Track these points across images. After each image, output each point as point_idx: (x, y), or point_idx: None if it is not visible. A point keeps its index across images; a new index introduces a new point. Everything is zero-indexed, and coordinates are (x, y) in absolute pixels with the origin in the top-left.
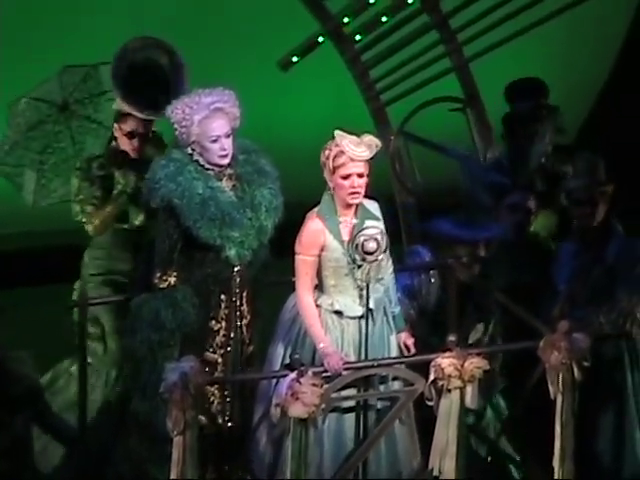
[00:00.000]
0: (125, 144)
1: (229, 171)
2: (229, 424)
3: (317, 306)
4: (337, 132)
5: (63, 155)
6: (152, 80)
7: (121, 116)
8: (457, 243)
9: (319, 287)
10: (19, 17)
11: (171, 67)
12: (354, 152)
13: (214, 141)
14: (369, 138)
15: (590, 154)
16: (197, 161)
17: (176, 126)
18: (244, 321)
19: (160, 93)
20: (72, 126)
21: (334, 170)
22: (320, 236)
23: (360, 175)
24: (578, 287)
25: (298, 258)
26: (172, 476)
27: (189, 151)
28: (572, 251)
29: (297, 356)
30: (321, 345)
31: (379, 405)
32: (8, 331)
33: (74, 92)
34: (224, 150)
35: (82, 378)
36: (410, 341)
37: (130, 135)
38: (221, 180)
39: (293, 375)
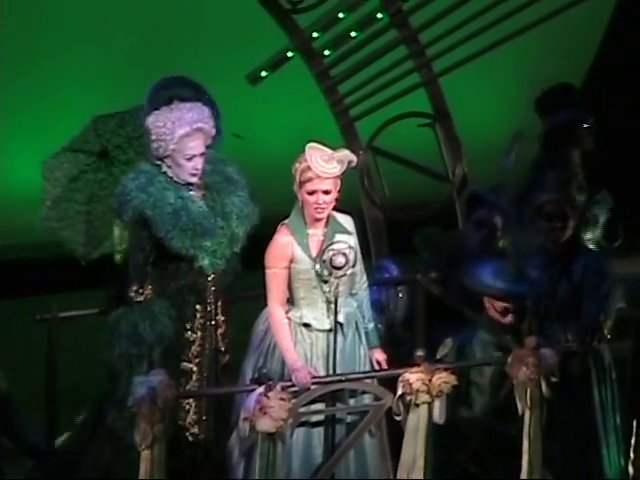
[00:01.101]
0: None
1: (198, 181)
2: (203, 436)
3: (288, 319)
4: (309, 145)
5: (109, 202)
6: None
7: None
8: (504, 299)
9: (290, 300)
10: None
11: (197, 99)
12: (321, 169)
13: (189, 159)
14: (343, 153)
15: (562, 169)
16: (165, 173)
17: (154, 137)
18: (219, 330)
19: None
20: (114, 172)
21: (300, 184)
22: (288, 248)
23: (326, 192)
24: (545, 302)
25: (268, 272)
26: None
27: (158, 163)
28: (538, 266)
29: (265, 370)
30: (290, 359)
31: (349, 419)
32: None
33: (112, 138)
34: (196, 169)
35: (50, 391)
36: (382, 357)
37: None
38: (191, 190)
39: (261, 389)
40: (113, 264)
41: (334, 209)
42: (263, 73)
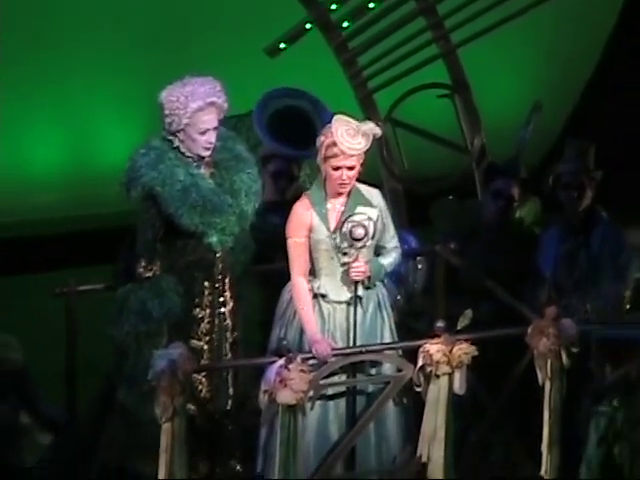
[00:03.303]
0: (270, 186)
1: (207, 159)
2: (218, 412)
3: (310, 289)
4: (335, 117)
5: None
6: (295, 123)
7: (265, 159)
8: None
9: (311, 270)
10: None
11: (314, 111)
12: (348, 145)
13: (202, 133)
14: (368, 127)
15: (581, 140)
16: (177, 148)
17: (167, 112)
18: (227, 307)
19: (304, 135)
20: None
21: (325, 159)
22: (307, 218)
23: (351, 168)
24: (564, 273)
25: (289, 241)
26: (160, 463)
27: (170, 138)
28: (557, 236)
29: (285, 342)
30: (309, 330)
31: (370, 389)
32: None
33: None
34: (210, 143)
35: (69, 365)
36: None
37: (276, 175)
38: (200, 167)
39: (281, 361)
40: (126, 240)
41: (358, 180)
42: (282, 45)
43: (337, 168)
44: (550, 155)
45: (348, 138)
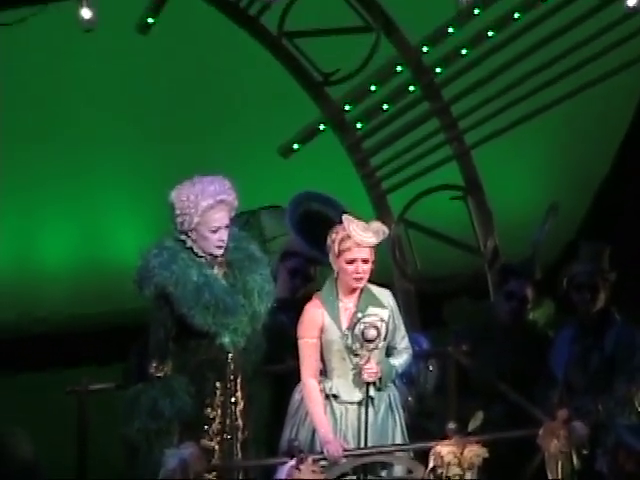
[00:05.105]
0: (284, 282)
1: (220, 258)
2: None
3: (321, 390)
4: (345, 216)
5: None
6: (320, 227)
7: (286, 255)
8: None
9: (323, 370)
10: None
11: (339, 218)
12: (361, 237)
13: (214, 231)
14: (377, 224)
15: (596, 242)
16: (190, 248)
17: (178, 212)
18: (238, 407)
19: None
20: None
21: (339, 254)
22: (319, 318)
23: (365, 261)
24: (576, 374)
25: (300, 342)
26: None
27: (182, 238)
28: (570, 337)
29: (296, 443)
30: (322, 431)
31: None
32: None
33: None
34: (222, 241)
35: (81, 461)
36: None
37: (293, 272)
38: (213, 267)
39: (292, 462)
40: (138, 337)
41: (370, 281)
42: (295, 146)
43: (352, 261)
44: (564, 255)
45: (360, 231)
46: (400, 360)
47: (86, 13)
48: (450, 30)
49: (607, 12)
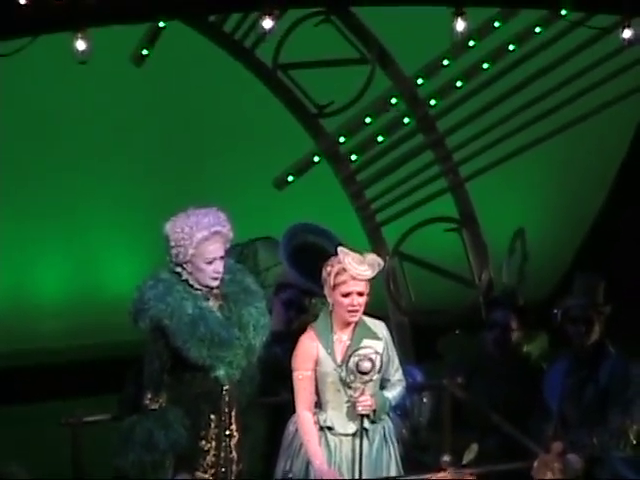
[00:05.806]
0: (278, 315)
1: (215, 291)
2: None
3: (315, 422)
4: (340, 249)
5: None
6: (315, 259)
7: (280, 287)
8: None
9: (317, 402)
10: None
11: (334, 249)
12: (356, 270)
13: (209, 263)
14: (372, 257)
15: (590, 274)
16: (186, 281)
17: (173, 244)
18: (233, 440)
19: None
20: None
21: (334, 287)
22: (313, 350)
23: (360, 294)
24: (570, 407)
25: (295, 374)
26: None
27: (178, 270)
28: (564, 370)
29: (291, 475)
30: (316, 463)
31: None
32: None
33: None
34: (217, 273)
35: None
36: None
37: (287, 304)
38: (208, 300)
39: None
40: (133, 368)
41: (364, 314)
42: (290, 178)
43: (347, 295)
44: (559, 288)
45: (355, 264)
46: (394, 392)
47: (81, 45)
48: (445, 62)
49: (602, 44)
